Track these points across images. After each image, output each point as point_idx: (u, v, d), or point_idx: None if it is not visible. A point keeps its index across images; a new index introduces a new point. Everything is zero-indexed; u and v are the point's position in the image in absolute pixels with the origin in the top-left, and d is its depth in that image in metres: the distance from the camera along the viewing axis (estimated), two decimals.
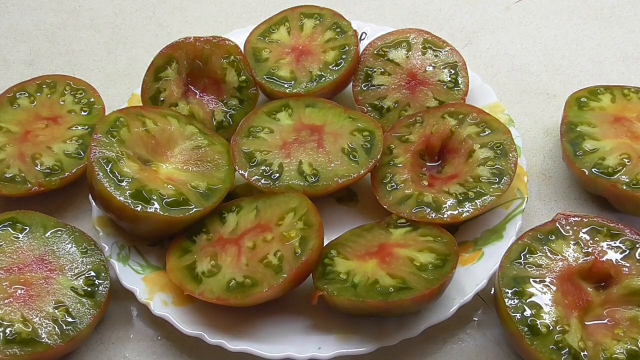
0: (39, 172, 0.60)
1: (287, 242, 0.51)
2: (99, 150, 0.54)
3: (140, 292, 0.53)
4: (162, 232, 0.56)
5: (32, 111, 0.65)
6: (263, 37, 0.68)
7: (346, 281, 0.50)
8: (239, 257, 0.52)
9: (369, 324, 0.51)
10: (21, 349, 0.48)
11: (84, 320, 0.51)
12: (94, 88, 0.67)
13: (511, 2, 0.80)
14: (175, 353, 0.53)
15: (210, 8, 0.81)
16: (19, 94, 0.66)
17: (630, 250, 0.51)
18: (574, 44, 0.75)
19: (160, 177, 0.56)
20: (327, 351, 0.49)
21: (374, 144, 0.58)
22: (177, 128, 0.60)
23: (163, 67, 0.63)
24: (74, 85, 0.67)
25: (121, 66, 0.75)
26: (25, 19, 0.80)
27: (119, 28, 0.79)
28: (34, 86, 0.66)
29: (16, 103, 0.65)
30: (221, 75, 0.64)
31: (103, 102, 0.66)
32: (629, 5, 0.79)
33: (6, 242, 0.54)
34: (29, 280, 0.52)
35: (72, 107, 0.65)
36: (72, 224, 0.57)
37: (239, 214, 0.56)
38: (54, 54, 0.76)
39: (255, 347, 0.50)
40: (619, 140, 0.59)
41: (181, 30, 0.79)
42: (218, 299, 0.50)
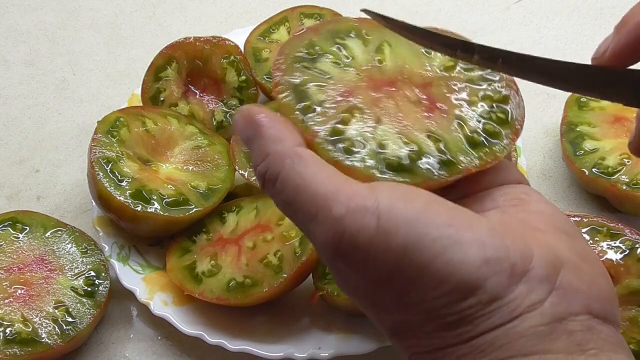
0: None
1: (287, 242, 0.51)
2: (99, 150, 0.54)
3: (140, 292, 0.53)
4: (162, 232, 0.56)
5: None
6: (263, 37, 0.68)
7: None
8: (239, 257, 0.52)
9: (369, 324, 0.51)
10: (21, 348, 0.48)
11: (84, 320, 0.51)
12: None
13: (511, 2, 0.80)
14: (175, 353, 0.53)
15: (210, 8, 0.81)
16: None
17: (630, 250, 0.51)
18: (574, 44, 0.75)
19: (160, 177, 0.56)
20: (327, 351, 0.49)
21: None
22: (177, 128, 0.60)
23: (163, 67, 0.63)
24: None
25: (121, 66, 0.75)
26: (25, 19, 0.80)
27: (119, 28, 0.79)
28: None
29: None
30: (221, 75, 0.64)
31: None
32: (629, 6, 0.79)
33: (6, 242, 0.54)
34: (29, 280, 0.52)
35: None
36: (72, 224, 0.57)
37: (239, 214, 0.56)
38: (54, 54, 0.76)
39: (255, 347, 0.50)
40: (619, 140, 0.59)
41: (181, 30, 0.79)
42: (218, 299, 0.50)
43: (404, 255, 0.29)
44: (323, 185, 0.30)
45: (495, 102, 0.38)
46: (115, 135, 0.56)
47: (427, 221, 0.29)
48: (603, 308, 0.30)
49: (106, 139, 0.55)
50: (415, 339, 0.31)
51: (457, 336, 0.30)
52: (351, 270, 0.30)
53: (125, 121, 0.57)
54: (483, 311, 0.29)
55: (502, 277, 0.29)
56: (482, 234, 0.30)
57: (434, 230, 0.29)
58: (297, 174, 0.31)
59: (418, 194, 0.31)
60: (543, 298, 0.29)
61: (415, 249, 0.29)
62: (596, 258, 0.32)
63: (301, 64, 0.38)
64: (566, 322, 0.29)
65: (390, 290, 0.30)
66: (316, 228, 0.30)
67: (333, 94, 0.37)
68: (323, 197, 0.30)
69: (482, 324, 0.29)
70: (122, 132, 0.57)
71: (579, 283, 0.30)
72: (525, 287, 0.29)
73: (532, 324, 0.29)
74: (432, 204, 0.30)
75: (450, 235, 0.29)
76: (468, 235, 0.29)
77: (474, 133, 0.37)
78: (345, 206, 0.29)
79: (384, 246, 0.29)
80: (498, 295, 0.29)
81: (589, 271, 0.31)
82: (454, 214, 0.30)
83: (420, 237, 0.29)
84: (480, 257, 0.29)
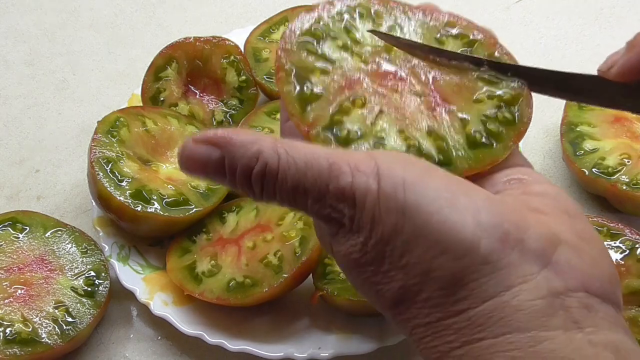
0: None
1: (287, 242, 0.51)
2: (99, 150, 0.54)
3: (140, 292, 0.53)
4: (162, 232, 0.56)
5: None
6: (263, 37, 0.68)
7: (346, 281, 0.50)
8: (239, 257, 0.52)
9: (369, 324, 0.51)
10: (21, 348, 0.48)
11: (84, 320, 0.51)
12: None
13: (511, 2, 0.80)
14: (175, 353, 0.53)
15: (210, 8, 0.81)
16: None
17: (630, 250, 0.51)
18: (574, 44, 0.75)
19: (160, 177, 0.56)
20: (327, 351, 0.49)
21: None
22: (177, 128, 0.60)
23: (163, 67, 0.63)
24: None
25: (121, 66, 0.75)
26: (25, 19, 0.80)
27: (119, 28, 0.79)
28: None
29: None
30: (221, 75, 0.64)
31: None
32: (629, 5, 0.79)
33: (6, 242, 0.54)
34: (29, 280, 0.52)
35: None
36: (72, 224, 0.57)
37: (239, 214, 0.56)
38: (54, 54, 0.76)
39: (255, 347, 0.50)
40: (619, 140, 0.59)
41: (181, 30, 0.79)
42: (218, 299, 0.50)
43: (403, 215, 0.29)
44: (325, 161, 0.30)
45: (504, 101, 0.38)
46: (115, 135, 0.56)
47: (424, 184, 0.30)
48: (602, 287, 0.30)
49: (106, 139, 0.55)
50: (414, 309, 0.31)
51: (454, 304, 0.30)
52: (360, 236, 0.31)
53: (125, 121, 0.57)
54: (477, 274, 0.29)
55: (494, 240, 0.29)
56: (478, 200, 0.30)
57: (431, 192, 0.30)
58: (297, 158, 0.31)
59: (417, 161, 0.32)
60: (537, 270, 0.29)
61: (412, 209, 0.29)
62: (598, 239, 0.32)
63: (306, 47, 0.37)
64: (563, 297, 0.29)
65: (390, 252, 0.30)
66: (330, 201, 0.31)
67: (336, 83, 0.36)
68: (328, 171, 0.30)
69: (477, 290, 0.29)
70: (122, 132, 0.57)
71: (577, 261, 0.30)
72: (518, 257, 0.29)
73: (528, 298, 0.29)
74: (431, 170, 0.31)
75: (447, 197, 0.30)
76: (464, 199, 0.30)
77: (477, 133, 0.36)
78: (350, 175, 0.30)
79: (385, 208, 0.30)
80: (490, 258, 0.29)
81: (588, 251, 0.31)
82: (451, 181, 0.31)
83: (417, 198, 0.29)
84: (474, 220, 0.29)
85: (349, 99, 0.36)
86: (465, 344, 0.29)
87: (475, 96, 0.37)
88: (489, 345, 0.29)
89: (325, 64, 0.37)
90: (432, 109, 0.37)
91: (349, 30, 0.38)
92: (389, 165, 0.30)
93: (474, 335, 0.29)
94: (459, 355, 0.30)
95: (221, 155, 0.31)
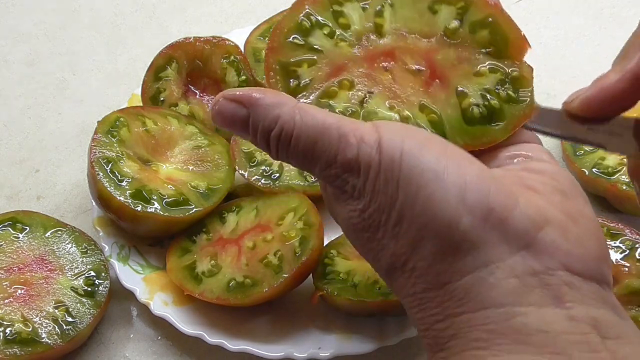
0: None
1: (287, 242, 0.51)
2: (99, 150, 0.54)
3: (140, 292, 0.53)
4: (162, 232, 0.56)
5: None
6: (263, 37, 0.68)
7: (346, 281, 0.50)
8: (239, 257, 0.52)
9: (369, 324, 0.51)
10: (21, 348, 0.48)
11: (84, 320, 0.51)
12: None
13: (511, 2, 0.80)
14: (175, 353, 0.53)
15: (210, 8, 0.81)
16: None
17: (630, 250, 0.51)
18: (574, 44, 0.75)
19: (160, 177, 0.56)
20: (327, 351, 0.49)
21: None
22: (177, 128, 0.60)
23: (163, 67, 0.63)
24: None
25: (121, 66, 0.75)
26: (25, 19, 0.80)
27: (119, 28, 0.79)
28: None
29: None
30: (221, 75, 0.64)
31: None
32: (629, 5, 0.79)
33: (6, 242, 0.54)
34: (29, 280, 0.52)
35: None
36: (72, 224, 0.57)
37: (239, 214, 0.56)
38: (54, 54, 0.76)
39: (255, 347, 0.50)
40: None
41: (181, 30, 0.79)
42: (218, 299, 0.50)
43: (397, 187, 0.31)
44: (335, 131, 0.32)
45: (510, 79, 0.36)
46: (115, 135, 0.56)
47: (419, 156, 0.31)
48: (586, 267, 0.31)
49: (106, 139, 0.55)
50: (402, 278, 0.33)
51: (437, 276, 0.31)
52: (359, 204, 0.33)
53: (125, 121, 0.57)
54: (456, 250, 0.30)
55: (476, 219, 0.30)
56: (468, 175, 0.31)
57: (422, 164, 0.31)
58: (309, 127, 0.33)
59: (417, 132, 0.33)
60: (515, 250, 0.30)
61: (405, 182, 0.31)
62: (590, 219, 0.33)
63: (294, 39, 0.38)
64: (542, 276, 0.30)
65: (385, 221, 0.32)
66: (336, 170, 0.33)
67: (323, 72, 0.37)
68: (337, 142, 0.32)
69: (456, 264, 0.31)
70: (122, 132, 0.57)
71: (561, 241, 0.31)
72: (498, 235, 0.30)
73: (502, 276, 0.30)
74: (429, 141, 0.32)
75: (436, 171, 0.31)
76: (453, 175, 0.31)
77: (475, 107, 0.35)
78: (356, 147, 0.32)
79: (384, 180, 0.32)
80: (469, 236, 0.30)
81: (576, 232, 0.32)
82: (446, 152, 0.32)
83: (410, 169, 0.31)
84: (458, 197, 0.30)
85: (335, 83, 0.37)
86: (448, 317, 0.31)
87: (476, 69, 0.37)
88: (467, 319, 0.30)
89: (311, 54, 0.37)
90: (427, 85, 0.36)
91: (338, 16, 0.38)
92: (390, 136, 0.32)
93: (455, 309, 0.31)
94: (442, 327, 0.31)
95: (247, 114, 0.34)
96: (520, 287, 0.30)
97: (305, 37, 0.38)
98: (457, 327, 0.31)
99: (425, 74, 0.37)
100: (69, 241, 0.55)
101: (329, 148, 0.32)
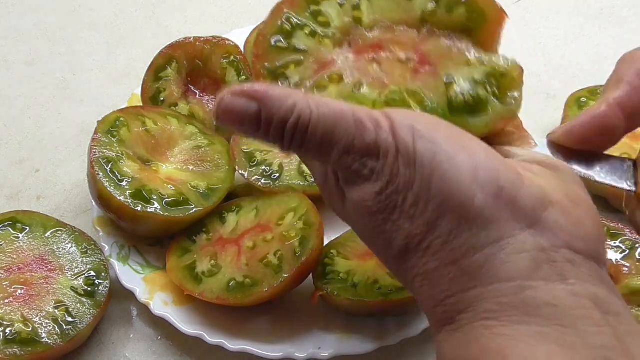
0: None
1: (287, 242, 0.51)
2: (99, 150, 0.54)
3: (140, 292, 0.53)
4: (162, 232, 0.56)
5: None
6: None
7: (346, 281, 0.50)
8: (239, 257, 0.52)
9: (369, 324, 0.51)
10: (21, 348, 0.48)
11: (84, 320, 0.51)
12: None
13: (511, 2, 0.80)
14: (175, 353, 0.53)
15: (210, 8, 0.81)
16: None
17: (630, 250, 0.51)
18: (574, 44, 0.75)
19: (160, 177, 0.56)
20: (327, 351, 0.49)
21: None
22: (177, 128, 0.60)
23: (163, 67, 0.63)
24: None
25: (121, 66, 0.75)
26: (25, 19, 0.80)
27: (119, 28, 0.79)
28: None
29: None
30: (221, 75, 0.64)
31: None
32: (629, 5, 0.79)
33: (6, 242, 0.54)
34: (29, 280, 0.52)
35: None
36: (72, 224, 0.57)
37: (239, 214, 0.56)
38: (54, 54, 0.76)
39: (255, 347, 0.50)
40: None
41: (181, 30, 0.79)
42: (218, 299, 0.50)
43: (414, 168, 0.32)
44: (351, 117, 0.33)
45: (498, 73, 0.37)
46: (115, 135, 0.56)
47: (429, 138, 0.32)
48: (586, 246, 0.32)
49: (106, 139, 0.55)
50: (415, 258, 0.33)
51: (450, 253, 0.32)
52: (376, 186, 0.34)
53: (125, 121, 0.57)
54: (470, 226, 0.31)
55: (489, 196, 0.31)
56: (477, 155, 0.32)
57: (435, 146, 0.32)
58: (326, 113, 0.33)
59: (424, 116, 0.35)
60: (525, 227, 0.31)
61: (419, 163, 0.32)
62: (587, 202, 0.34)
63: (277, 44, 0.38)
64: (549, 252, 0.31)
65: (402, 202, 0.33)
66: (354, 155, 0.33)
67: (312, 69, 0.38)
68: (354, 127, 0.33)
69: (470, 241, 0.31)
70: (122, 132, 0.57)
71: (563, 221, 0.32)
72: (510, 212, 0.31)
73: (515, 251, 0.31)
74: (436, 124, 0.34)
75: (448, 152, 0.32)
76: (464, 155, 0.32)
77: (460, 95, 0.36)
78: (374, 132, 0.33)
79: (403, 162, 0.32)
80: (483, 212, 0.31)
81: (576, 212, 0.33)
82: (455, 135, 0.33)
83: (424, 151, 0.32)
84: (471, 175, 0.31)
85: (325, 77, 0.37)
86: (458, 292, 0.32)
87: (466, 59, 0.37)
88: (479, 293, 0.31)
89: (297, 55, 0.38)
90: (416, 73, 0.37)
91: (317, 15, 0.39)
92: (401, 121, 0.33)
93: (467, 284, 0.32)
94: (452, 302, 0.32)
95: (258, 108, 0.33)
96: (530, 262, 0.31)
97: (288, 39, 0.38)
98: (468, 302, 0.32)
99: (413, 63, 0.38)
100: (69, 241, 0.55)
101: (347, 133, 0.33)
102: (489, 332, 0.31)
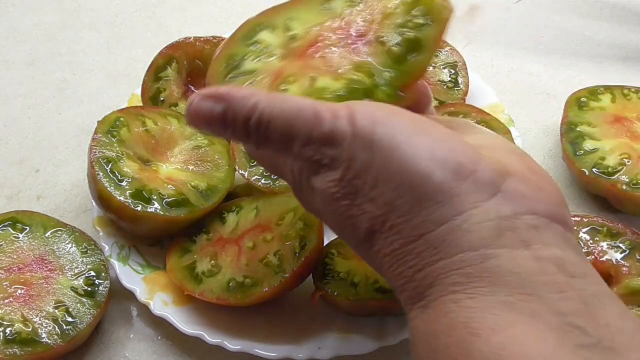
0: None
1: (287, 242, 0.51)
2: (99, 150, 0.54)
3: (140, 292, 0.53)
4: (162, 232, 0.56)
5: None
6: None
7: (346, 281, 0.50)
8: (239, 257, 0.52)
9: (369, 324, 0.51)
10: (21, 348, 0.48)
11: (84, 320, 0.51)
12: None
13: (511, 2, 0.80)
14: (175, 353, 0.53)
15: (210, 8, 0.81)
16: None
17: (630, 250, 0.51)
18: (574, 44, 0.75)
19: (160, 177, 0.56)
20: (327, 351, 0.49)
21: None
22: (177, 128, 0.60)
23: (163, 67, 0.63)
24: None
25: (121, 66, 0.75)
26: (25, 19, 0.80)
27: (119, 28, 0.79)
28: None
29: None
30: None
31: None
32: (629, 5, 0.79)
33: (6, 242, 0.54)
34: (29, 280, 0.52)
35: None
36: (72, 224, 0.57)
37: (239, 214, 0.56)
38: (54, 54, 0.76)
39: (255, 347, 0.50)
40: (619, 140, 0.59)
41: (181, 30, 0.79)
42: (218, 299, 0.50)
43: (372, 151, 0.34)
44: (309, 110, 0.35)
45: (411, 3, 0.40)
46: (115, 135, 0.56)
47: (390, 123, 0.34)
48: (549, 209, 0.33)
49: (106, 138, 0.55)
50: (381, 239, 0.35)
51: (413, 229, 0.33)
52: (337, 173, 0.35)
53: (125, 121, 0.57)
54: (431, 202, 0.33)
55: (447, 172, 0.33)
56: (434, 134, 0.34)
57: (394, 130, 0.34)
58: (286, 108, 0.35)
59: (384, 105, 0.37)
60: (486, 198, 0.32)
61: (378, 145, 0.33)
62: (543, 171, 0.36)
63: (228, 76, 0.42)
64: (512, 220, 0.32)
65: (362, 186, 0.34)
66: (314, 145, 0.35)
67: (268, 81, 0.41)
68: (313, 119, 0.35)
69: (432, 215, 0.33)
70: (122, 132, 0.57)
71: (525, 189, 0.33)
72: (470, 186, 0.33)
73: (477, 220, 0.32)
74: (396, 110, 0.36)
75: (407, 134, 0.34)
76: (422, 136, 0.34)
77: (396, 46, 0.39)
78: (331, 121, 0.35)
79: (359, 146, 0.34)
80: (443, 187, 0.32)
81: (536, 180, 0.34)
82: (414, 120, 0.35)
83: (383, 136, 0.34)
84: (429, 154, 0.33)
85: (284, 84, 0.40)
86: (426, 266, 0.33)
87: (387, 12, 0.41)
88: (445, 265, 0.32)
89: (249, 76, 0.42)
90: (354, 48, 0.41)
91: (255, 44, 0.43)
92: (362, 109, 0.35)
93: (432, 257, 0.33)
94: (420, 277, 0.33)
95: (224, 108, 0.36)
96: (493, 230, 0.32)
97: (236, 70, 0.42)
98: (435, 275, 0.32)
99: (347, 41, 0.41)
100: (69, 241, 0.55)
101: (306, 126, 0.35)
102: (456, 305, 0.31)
